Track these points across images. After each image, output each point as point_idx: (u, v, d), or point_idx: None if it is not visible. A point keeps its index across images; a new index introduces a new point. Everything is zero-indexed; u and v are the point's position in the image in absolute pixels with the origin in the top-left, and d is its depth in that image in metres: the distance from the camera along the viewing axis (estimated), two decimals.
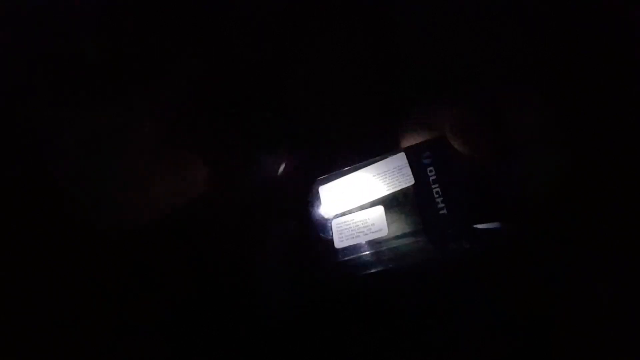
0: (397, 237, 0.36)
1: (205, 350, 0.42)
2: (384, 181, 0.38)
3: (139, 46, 0.48)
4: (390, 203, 0.38)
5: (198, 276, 0.44)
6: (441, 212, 0.35)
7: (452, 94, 0.42)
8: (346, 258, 0.38)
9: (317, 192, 0.41)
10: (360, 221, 0.38)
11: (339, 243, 0.38)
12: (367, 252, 0.37)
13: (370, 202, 0.38)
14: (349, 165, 0.41)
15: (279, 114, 0.48)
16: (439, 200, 0.35)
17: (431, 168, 0.36)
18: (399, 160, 0.38)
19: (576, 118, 0.39)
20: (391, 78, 0.48)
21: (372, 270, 0.38)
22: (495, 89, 0.41)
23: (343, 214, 0.39)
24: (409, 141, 0.39)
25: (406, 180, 0.37)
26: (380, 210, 0.38)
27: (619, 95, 0.39)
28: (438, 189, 0.36)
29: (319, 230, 0.40)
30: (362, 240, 0.37)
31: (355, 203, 0.39)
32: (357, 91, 0.49)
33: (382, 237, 0.37)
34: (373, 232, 0.37)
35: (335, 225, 0.39)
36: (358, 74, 0.48)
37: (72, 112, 0.45)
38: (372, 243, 0.37)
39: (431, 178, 0.36)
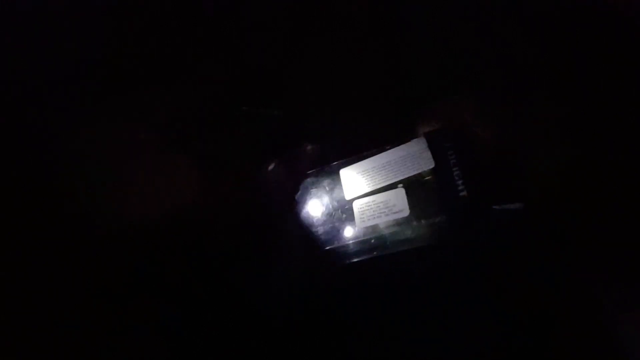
0: (418, 218, 0.37)
1: (204, 350, 0.42)
2: (405, 164, 0.39)
3: (141, 48, 0.48)
4: (411, 185, 0.39)
5: (197, 275, 0.44)
6: (461, 193, 0.36)
7: (455, 96, 0.43)
8: (365, 237, 0.39)
9: (338, 175, 0.42)
10: (382, 202, 0.39)
11: (360, 223, 0.39)
12: (389, 232, 0.38)
13: (391, 184, 0.39)
14: (371, 150, 0.42)
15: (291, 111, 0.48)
16: (459, 182, 0.36)
17: (452, 152, 0.38)
18: (420, 144, 0.40)
19: (575, 118, 0.39)
20: (399, 81, 0.48)
21: (395, 250, 0.38)
22: (496, 91, 0.42)
23: (364, 195, 0.40)
24: (429, 128, 0.41)
25: (427, 163, 0.38)
26: (401, 192, 0.39)
27: (619, 95, 0.39)
28: (458, 172, 0.36)
29: (339, 212, 0.41)
30: (384, 220, 0.38)
31: (376, 185, 0.40)
32: (368, 93, 0.49)
33: (403, 218, 0.38)
34: (394, 213, 0.38)
35: (356, 206, 0.40)
36: (368, 77, 0.49)
37: (73, 116, 0.45)
38: (393, 223, 0.38)
39: (452, 161, 0.37)
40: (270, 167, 0.47)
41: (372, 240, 0.39)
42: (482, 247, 0.38)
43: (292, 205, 0.44)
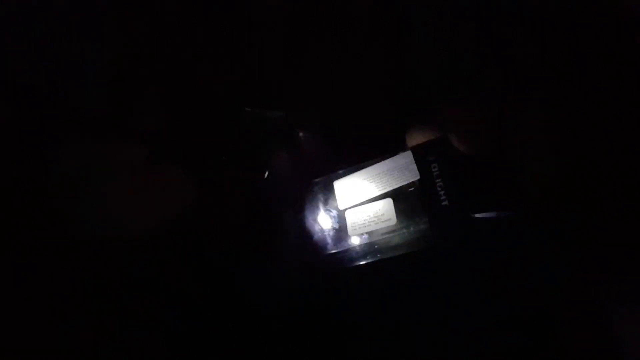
0: (405, 226, 0.40)
1: (204, 350, 0.42)
2: (393, 176, 0.42)
3: (141, 48, 0.48)
4: (399, 196, 0.41)
5: (197, 276, 0.44)
6: (443, 203, 0.38)
7: (456, 96, 0.44)
8: (357, 245, 0.41)
9: (332, 186, 0.44)
10: (372, 212, 0.41)
11: (352, 231, 0.41)
12: (378, 240, 0.40)
13: (381, 194, 0.41)
14: (361, 163, 0.44)
15: (292, 113, 0.49)
16: (441, 193, 0.39)
17: (435, 164, 0.40)
18: (407, 157, 0.42)
19: (575, 118, 0.39)
20: (399, 82, 0.49)
21: (383, 257, 0.40)
22: (497, 91, 0.42)
23: (356, 206, 0.42)
24: (416, 141, 0.43)
25: (413, 175, 0.41)
26: (389, 202, 0.41)
27: (619, 95, 0.39)
28: (441, 183, 0.39)
29: (332, 220, 0.43)
30: (374, 228, 0.41)
31: (367, 196, 0.42)
32: (368, 94, 0.49)
33: (391, 226, 0.40)
34: (383, 222, 0.40)
35: (348, 215, 0.42)
36: (368, 78, 0.49)
37: (74, 117, 0.45)
38: (382, 231, 0.40)
39: (435, 173, 0.40)
40: (270, 172, 0.47)
41: (363, 247, 0.41)
42: (467, 252, 0.40)
43: (291, 213, 0.46)
